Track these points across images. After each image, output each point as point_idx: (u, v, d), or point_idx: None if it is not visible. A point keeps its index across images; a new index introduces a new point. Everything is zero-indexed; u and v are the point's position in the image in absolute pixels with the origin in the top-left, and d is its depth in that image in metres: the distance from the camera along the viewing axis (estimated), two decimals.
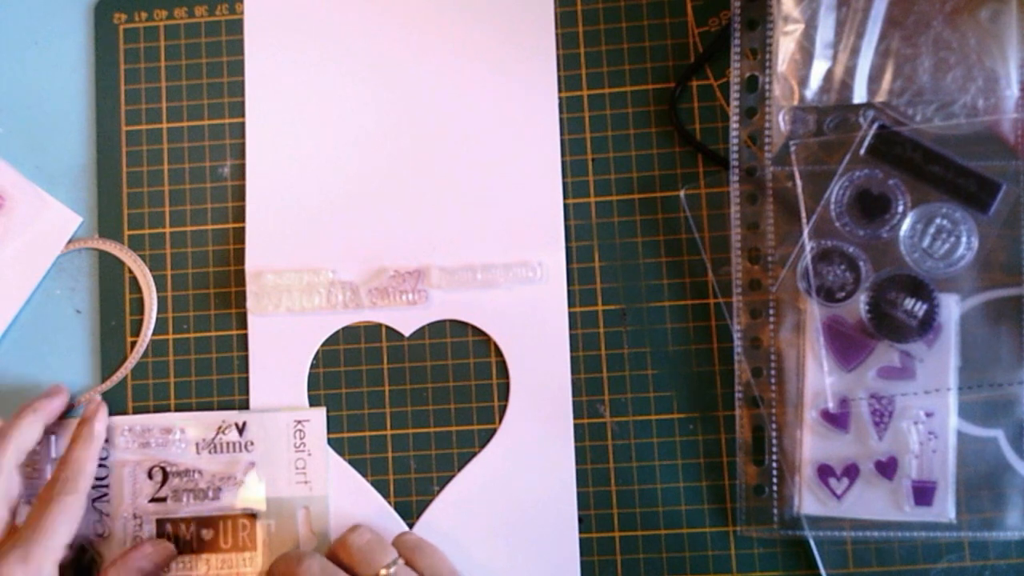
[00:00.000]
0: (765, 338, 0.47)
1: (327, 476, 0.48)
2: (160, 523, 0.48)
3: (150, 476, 0.49)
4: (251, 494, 0.48)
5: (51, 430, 0.48)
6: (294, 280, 0.49)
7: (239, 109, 0.50)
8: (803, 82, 0.46)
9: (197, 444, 0.49)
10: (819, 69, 0.46)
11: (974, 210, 0.45)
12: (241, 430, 0.48)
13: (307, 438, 0.48)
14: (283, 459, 0.48)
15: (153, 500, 0.48)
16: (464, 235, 0.49)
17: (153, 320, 0.50)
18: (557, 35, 0.50)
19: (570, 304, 0.48)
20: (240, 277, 0.49)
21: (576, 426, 0.48)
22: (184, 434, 0.48)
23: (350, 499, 0.48)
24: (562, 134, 0.49)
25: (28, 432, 0.45)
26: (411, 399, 0.49)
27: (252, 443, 0.48)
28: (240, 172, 0.50)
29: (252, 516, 0.48)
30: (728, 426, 0.47)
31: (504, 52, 0.50)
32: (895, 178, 0.46)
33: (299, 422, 0.48)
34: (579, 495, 0.47)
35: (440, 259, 0.49)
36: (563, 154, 0.49)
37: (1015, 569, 0.46)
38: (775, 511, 0.46)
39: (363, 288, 0.49)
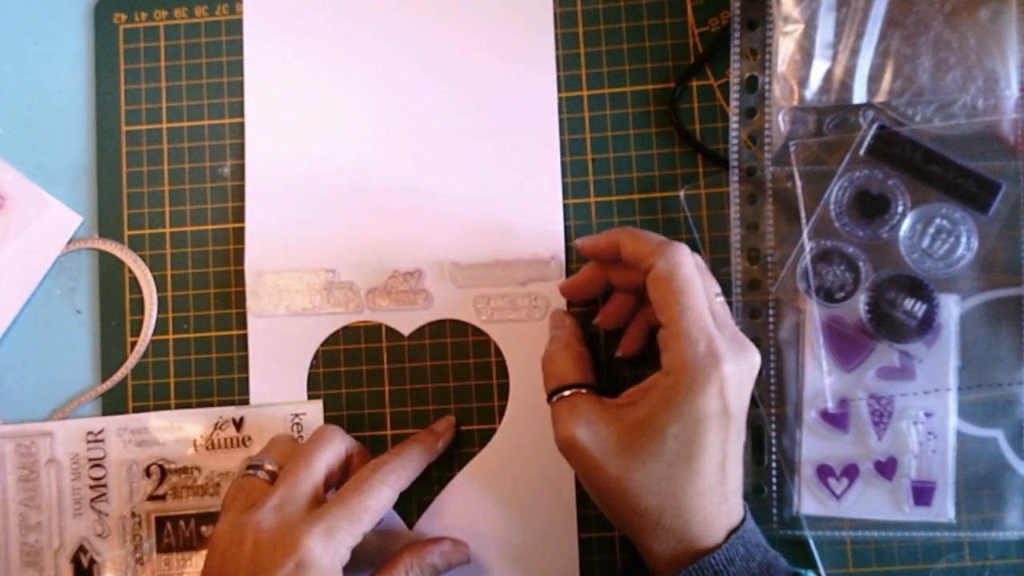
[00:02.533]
0: (765, 338, 0.47)
1: None
2: (159, 520, 0.48)
3: (148, 474, 0.49)
4: None
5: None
6: (294, 280, 0.49)
7: (239, 109, 0.51)
8: (803, 82, 0.46)
9: (195, 441, 0.49)
10: (819, 69, 0.46)
11: (974, 210, 0.45)
12: (239, 425, 0.48)
13: (305, 431, 0.48)
14: None
15: (152, 498, 0.48)
16: (464, 235, 0.49)
17: (153, 320, 0.50)
18: (557, 35, 0.50)
19: (569, 304, 0.48)
20: (240, 277, 0.49)
21: None
22: (181, 431, 0.48)
23: None
24: (562, 134, 0.49)
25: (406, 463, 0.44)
26: (411, 399, 0.49)
27: (250, 438, 0.48)
28: (240, 172, 0.50)
29: None
30: None
31: (504, 52, 0.50)
32: (895, 178, 0.46)
33: (296, 415, 0.48)
34: (579, 495, 0.47)
35: (440, 259, 0.49)
36: (563, 154, 0.49)
37: (1015, 569, 0.46)
38: (775, 511, 0.46)
39: (363, 288, 0.49)
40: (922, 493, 0.45)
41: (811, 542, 0.46)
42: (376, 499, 0.42)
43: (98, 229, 0.51)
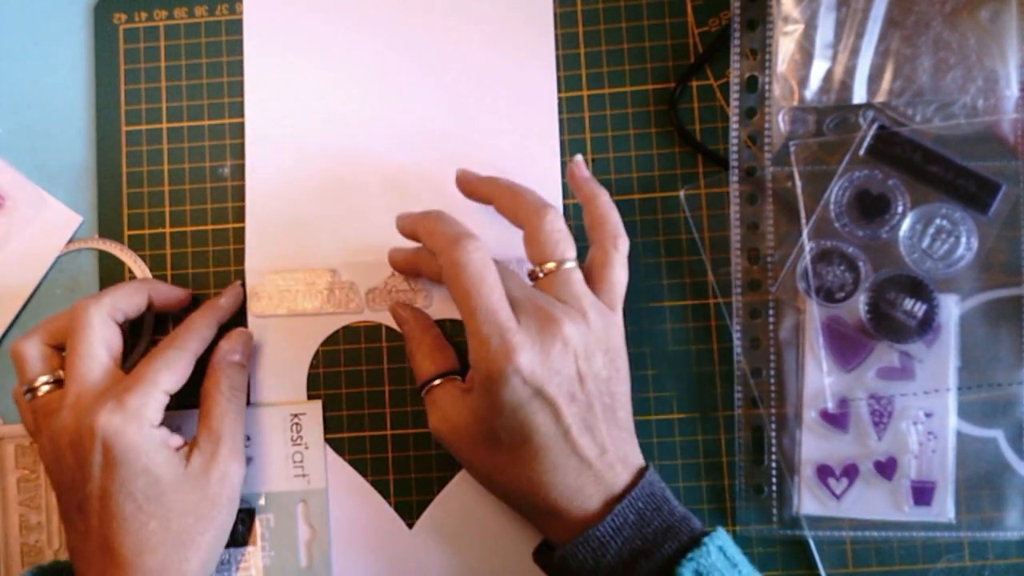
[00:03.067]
0: (765, 338, 0.47)
1: (325, 469, 0.48)
2: None
3: None
4: (249, 489, 0.48)
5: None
6: (294, 280, 0.49)
7: (239, 109, 0.50)
8: (803, 82, 0.46)
9: None
10: (819, 69, 0.46)
11: (974, 210, 0.45)
12: None
13: (304, 431, 0.48)
14: (280, 453, 0.48)
15: None
16: None
17: (153, 320, 0.49)
18: (557, 35, 0.50)
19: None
20: (240, 277, 0.49)
21: None
22: (180, 431, 0.48)
23: (350, 498, 0.48)
24: (562, 134, 0.49)
25: (200, 325, 0.46)
26: (411, 399, 0.49)
27: (249, 438, 0.48)
28: (240, 172, 0.50)
29: (251, 511, 0.48)
30: (728, 426, 0.47)
31: (504, 53, 0.50)
32: (895, 178, 0.46)
33: (295, 415, 0.48)
34: None
35: None
36: (563, 154, 0.49)
37: (1014, 569, 0.46)
38: (774, 511, 0.46)
39: (364, 288, 0.49)
40: (922, 493, 0.45)
41: (811, 542, 0.46)
42: (166, 363, 0.43)
43: (98, 229, 0.51)
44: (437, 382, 0.44)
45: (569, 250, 0.43)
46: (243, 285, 0.49)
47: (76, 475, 0.42)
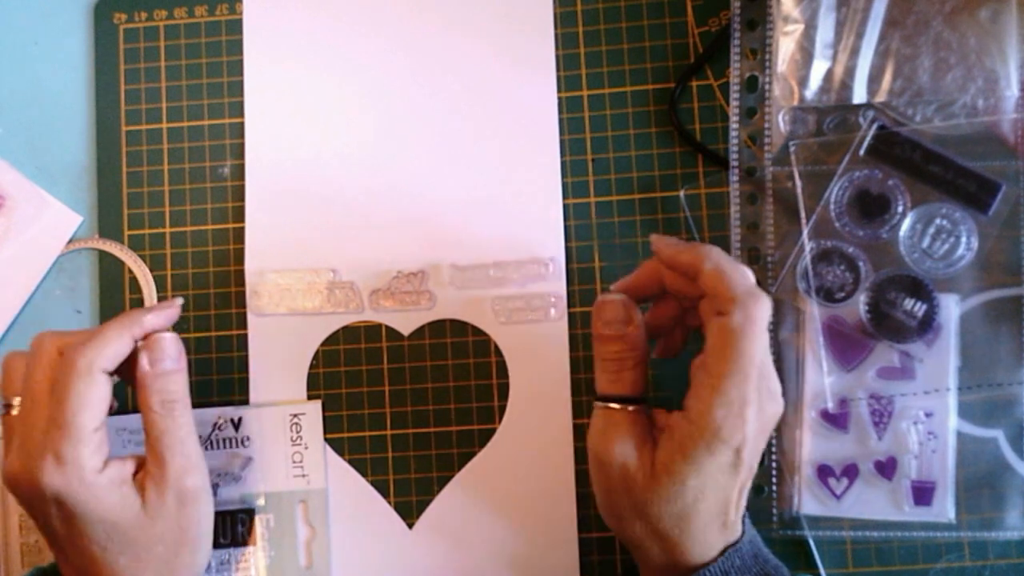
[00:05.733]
0: None
1: (325, 469, 0.48)
2: None
3: None
4: (249, 489, 0.48)
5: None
6: (294, 280, 0.49)
7: (239, 109, 0.51)
8: (803, 82, 0.46)
9: None
10: (819, 69, 0.46)
11: (974, 210, 0.45)
12: (237, 425, 0.48)
13: (303, 431, 0.48)
14: (280, 453, 0.48)
15: None
16: (463, 236, 0.49)
17: None
18: (557, 35, 0.50)
19: (570, 304, 0.48)
20: (240, 277, 0.49)
21: (576, 426, 0.48)
22: None
23: (350, 498, 0.48)
24: (562, 134, 0.49)
25: (109, 340, 0.41)
26: (411, 399, 0.49)
27: (248, 438, 0.48)
28: (240, 172, 0.50)
29: (251, 511, 0.48)
30: None
31: (504, 52, 0.50)
32: (895, 178, 0.46)
33: (295, 415, 0.48)
34: (579, 495, 0.47)
35: (440, 260, 0.49)
36: (563, 154, 0.49)
37: (1015, 569, 0.46)
38: (775, 511, 0.46)
39: (364, 288, 0.49)
40: (922, 493, 0.45)
41: (811, 542, 0.46)
42: (79, 399, 0.39)
43: (98, 229, 0.51)
44: (632, 408, 0.41)
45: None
46: (243, 284, 0.49)
47: (37, 519, 0.41)
